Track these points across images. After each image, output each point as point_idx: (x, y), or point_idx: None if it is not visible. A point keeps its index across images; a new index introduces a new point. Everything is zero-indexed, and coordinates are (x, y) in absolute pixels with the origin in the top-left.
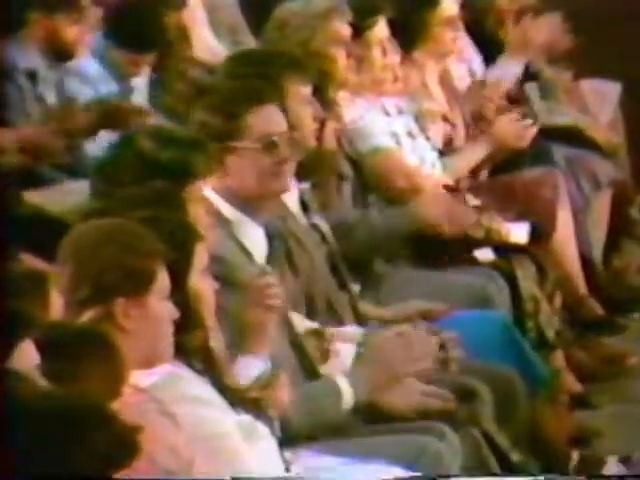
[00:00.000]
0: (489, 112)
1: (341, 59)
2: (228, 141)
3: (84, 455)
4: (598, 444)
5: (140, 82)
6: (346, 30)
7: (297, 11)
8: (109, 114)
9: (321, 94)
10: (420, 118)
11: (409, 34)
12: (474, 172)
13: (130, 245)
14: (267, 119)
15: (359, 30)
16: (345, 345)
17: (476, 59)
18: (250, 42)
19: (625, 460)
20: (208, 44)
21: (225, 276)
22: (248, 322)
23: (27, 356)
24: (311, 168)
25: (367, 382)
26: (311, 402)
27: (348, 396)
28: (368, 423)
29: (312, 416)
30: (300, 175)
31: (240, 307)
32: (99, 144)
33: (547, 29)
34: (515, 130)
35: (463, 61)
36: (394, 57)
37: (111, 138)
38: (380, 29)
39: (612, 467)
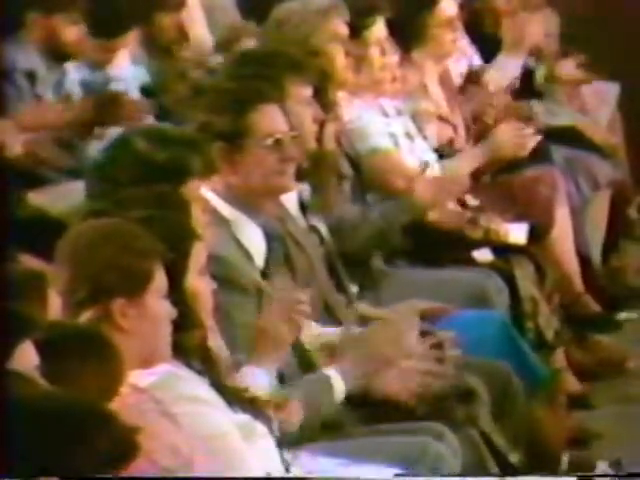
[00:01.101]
0: (489, 115)
1: (339, 57)
2: (234, 140)
3: (83, 455)
4: (596, 445)
5: (121, 69)
6: (344, 29)
7: (295, 10)
8: (106, 106)
9: (321, 95)
10: (417, 119)
11: (408, 35)
12: (475, 175)
13: (127, 245)
14: (271, 117)
15: (357, 30)
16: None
17: (475, 58)
18: (248, 42)
19: (616, 465)
20: (206, 45)
21: (224, 276)
22: (267, 334)
23: (27, 357)
24: (312, 169)
25: (356, 369)
26: (304, 395)
27: (339, 386)
28: (367, 413)
29: (306, 410)
30: (300, 176)
31: (262, 318)
32: (97, 145)
33: (542, 25)
34: (516, 139)
35: (462, 61)
36: (393, 57)
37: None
38: (378, 29)
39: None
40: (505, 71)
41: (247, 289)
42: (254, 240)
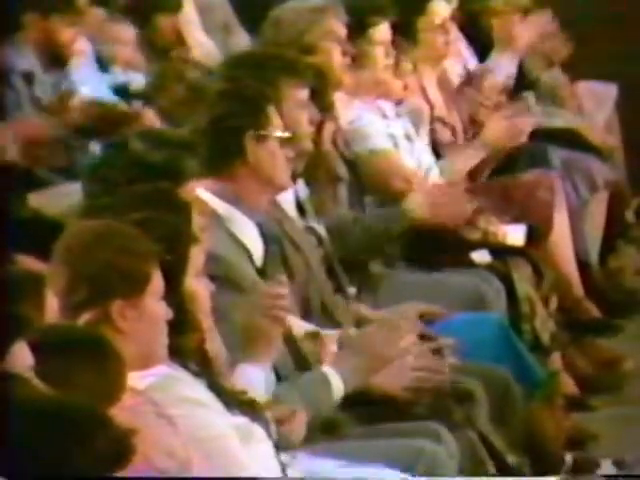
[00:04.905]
0: (484, 114)
1: (336, 55)
2: (252, 129)
3: (79, 457)
4: (594, 446)
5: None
6: (342, 29)
7: (293, 7)
8: (104, 118)
9: (318, 96)
10: (415, 120)
11: (405, 38)
12: (473, 175)
13: (124, 246)
14: (276, 115)
15: (362, 27)
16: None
17: (471, 60)
18: (244, 41)
19: (619, 463)
20: (202, 45)
21: (222, 275)
22: (254, 331)
23: (21, 358)
24: (309, 171)
25: (354, 370)
26: (303, 394)
27: (337, 384)
28: (364, 412)
29: (305, 408)
30: (295, 177)
31: (246, 315)
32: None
33: (535, 25)
34: (509, 128)
35: (459, 62)
36: (394, 61)
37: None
38: (383, 29)
39: (606, 469)
40: (499, 70)
41: (245, 288)
42: (250, 236)
